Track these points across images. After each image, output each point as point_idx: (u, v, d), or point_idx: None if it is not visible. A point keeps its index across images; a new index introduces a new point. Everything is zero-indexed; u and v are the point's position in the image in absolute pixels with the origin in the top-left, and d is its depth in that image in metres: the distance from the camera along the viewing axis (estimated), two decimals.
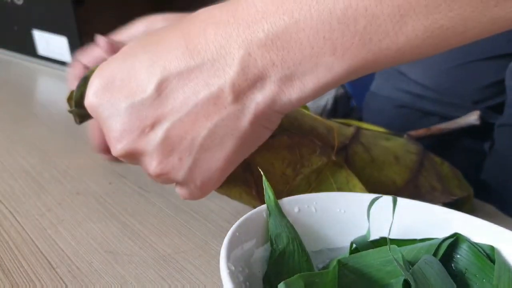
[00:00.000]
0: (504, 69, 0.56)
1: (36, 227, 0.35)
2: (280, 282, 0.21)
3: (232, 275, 0.21)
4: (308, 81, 0.27)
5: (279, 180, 0.34)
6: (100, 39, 0.39)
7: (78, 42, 0.82)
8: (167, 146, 0.29)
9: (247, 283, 0.23)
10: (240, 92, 0.28)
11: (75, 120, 0.38)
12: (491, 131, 0.55)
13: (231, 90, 0.27)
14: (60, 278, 0.30)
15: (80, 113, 0.35)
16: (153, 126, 0.29)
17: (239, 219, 0.26)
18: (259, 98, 0.28)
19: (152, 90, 0.28)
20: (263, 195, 0.28)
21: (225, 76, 0.27)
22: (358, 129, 0.41)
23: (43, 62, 0.90)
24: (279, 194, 0.32)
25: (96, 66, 0.36)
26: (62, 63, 0.87)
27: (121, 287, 0.29)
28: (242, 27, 0.27)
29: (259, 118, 0.29)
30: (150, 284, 0.30)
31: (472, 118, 0.46)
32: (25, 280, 0.29)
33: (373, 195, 0.29)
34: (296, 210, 0.28)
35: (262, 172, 0.29)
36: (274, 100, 0.28)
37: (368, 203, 0.28)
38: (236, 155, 0.30)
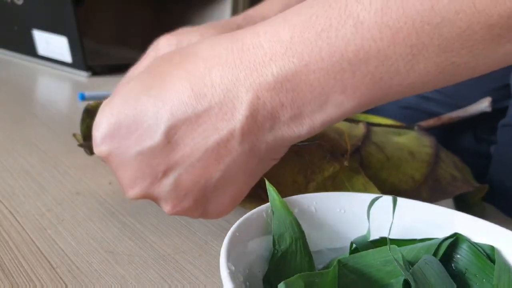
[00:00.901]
0: (511, 73, 0.57)
1: (36, 227, 0.35)
2: (280, 282, 0.21)
3: (232, 275, 0.21)
4: (317, 118, 0.27)
5: (291, 188, 0.34)
6: None
7: (78, 42, 0.82)
8: (181, 191, 0.29)
9: (247, 283, 0.23)
10: (250, 134, 0.28)
11: (86, 153, 0.38)
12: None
13: (241, 133, 0.27)
14: (60, 278, 0.30)
15: (90, 145, 0.35)
16: (165, 172, 0.28)
17: (239, 219, 0.26)
18: (269, 138, 0.28)
19: (161, 137, 0.28)
20: None
21: (234, 120, 0.27)
22: (368, 127, 0.40)
23: (43, 62, 0.90)
24: None
25: (96, 102, 0.36)
26: (62, 63, 0.87)
27: (121, 287, 0.29)
28: (250, 70, 0.26)
29: (269, 154, 0.29)
30: (150, 284, 0.30)
31: (483, 105, 0.45)
32: (25, 280, 0.29)
33: (373, 195, 0.29)
34: (296, 210, 0.28)
35: (265, 179, 0.29)
36: (283, 138, 0.28)
37: (368, 203, 0.28)
38: (247, 186, 0.31)
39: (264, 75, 0.26)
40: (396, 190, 0.37)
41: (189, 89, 0.27)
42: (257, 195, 0.34)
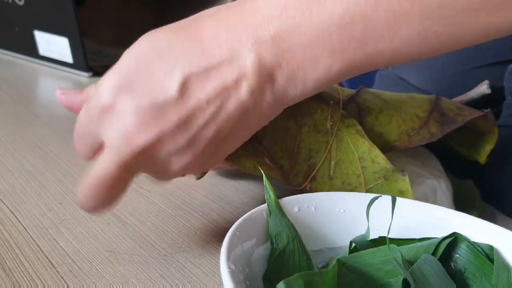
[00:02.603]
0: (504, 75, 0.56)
1: (37, 226, 0.35)
2: (280, 281, 0.21)
3: (233, 274, 0.22)
4: (309, 80, 0.29)
5: (284, 136, 0.34)
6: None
7: (79, 42, 0.82)
8: (194, 143, 0.29)
9: (248, 282, 0.24)
10: (253, 93, 0.29)
11: None
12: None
13: (246, 91, 0.29)
14: (61, 277, 0.30)
15: None
16: (178, 125, 0.29)
17: (239, 218, 0.26)
18: (269, 98, 0.30)
19: (175, 92, 0.28)
20: (276, 162, 0.30)
21: (239, 78, 0.29)
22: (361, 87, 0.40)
23: (44, 62, 0.90)
24: (293, 153, 0.34)
25: None
26: (63, 64, 0.87)
27: (122, 287, 0.29)
28: (250, 31, 0.28)
29: (267, 113, 0.31)
30: (151, 283, 0.30)
31: (482, 88, 0.46)
32: (26, 280, 0.29)
33: (373, 195, 0.29)
34: (295, 209, 0.28)
35: (263, 172, 0.29)
36: (280, 99, 0.30)
37: (367, 202, 0.28)
38: (243, 140, 0.32)
39: (263, 35, 0.28)
40: (403, 132, 0.37)
41: (199, 49, 0.29)
42: (253, 150, 0.34)
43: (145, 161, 0.29)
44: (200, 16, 0.31)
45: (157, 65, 0.29)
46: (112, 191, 0.29)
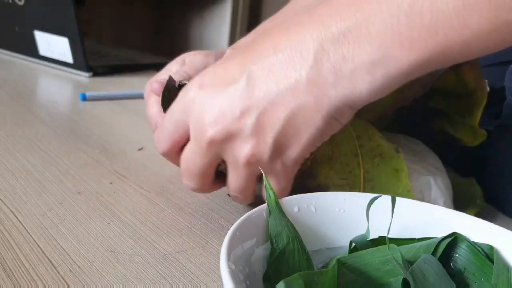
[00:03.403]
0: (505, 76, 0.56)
1: (38, 226, 0.35)
2: (280, 281, 0.21)
3: (233, 274, 0.22)
4: (377, 73, 0.29)
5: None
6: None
7: (79, 42, 0.82)
8: (257, 132, 0.31)
9: (248, 282, 0.24)
10: (314, 86, 0.30)
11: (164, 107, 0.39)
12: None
13: (306, 83, 0.30)
14: (62, 277, 0.30)
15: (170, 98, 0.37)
16: (243, 113, 0.31)
17: (239, 218, 0.26)
18: (332, 93, 0.30)
19: (243, 81, 0.31)
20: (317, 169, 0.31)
21: (301, 69, 0.30)
22: None
23: (44, 62, 0.90)
24: None
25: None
26: (63, 64, 0.87)
27: (122, 286, 0.29)
28: (317, 23, 0.29)
29: (332, 112, 0.31)
30: (151, 283, 0.30)
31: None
32: (26, 280, 0.29)
33: (372, 195, 0.29)
34: (295, 209, 0.29)
35: (263, 172, 0.29)
36: (345, 95, 0.30)
37: (367, 202, 0.28)
38: (311, 143, 0.32)
39: (329, 26, 0.29)
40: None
41: (270, 46, 0.31)
42: (303, 186, 0.35)
43: (220, 148, 0.33)
44: (283, 18, 0.34)
45: (233, 60, 0.32)
46: (202, 177, 0.35)
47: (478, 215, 0.29)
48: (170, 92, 0.38)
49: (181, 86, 0.38)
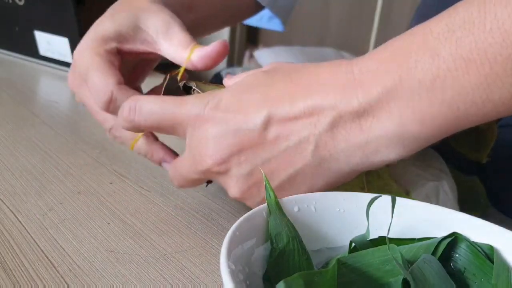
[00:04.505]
0: None
1: (38, 226, 0.35)
2: (280, 281, 0.21)
3: (233, 274, 0.22)
4: (392, 147, 0.29)
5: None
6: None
7: (79, 42, 0.82)
8: (253, 178, 0.32)
9: (248, 282, 0.24)
10: (324, 149, 0.30)
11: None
12: None
13: (316, 145, 0.30)
14: (62, 277, 0.30)
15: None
16: (247, 156, 0.31)
17: (239, 218, 0.26)
18: (341, 159, 0.30)
19: (258, 126, 0.31)
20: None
21: (314, 131, 0.30)
22: None
23: (44, 62, 0.90)
24: None
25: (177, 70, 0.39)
26: (64, 64, 0.87)
27: (122, 286, 0.29)
28: (338, 91, 0.29)
29: (337, 175, 0.31)
30: (151, 283, 0.30)
31: None
32: (26, 280, 0.29)
33: (373, 195, 0.29)
34: (296, 209, 0.29)
35: (263, 172, 0.29)
36: (356, 163, 0.30)
37: (367, 202, 0.28)
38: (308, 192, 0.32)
39: (350, 97, 0.29)
40: None
41: (289, 96, 0.30)
42: None
43: (213, 176, 0.33)
44: (307, 66, 0.32)
45: (252, 99, 0.31)
46: (190, 183, 0.36)
47: (478, 215, 0.29)
48: (171, 91, 0.38)
49: (186, 87, 0.38)
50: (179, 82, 0.39)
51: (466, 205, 0.41)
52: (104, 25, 0.41)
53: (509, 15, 0.25)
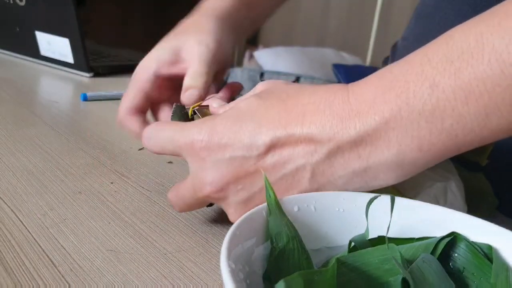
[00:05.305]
0: None
1: (39, 226, 0.35)
2: (280, 280, 0.21)
3: (233, 273, 0.22)
4: (390, 174, 0.30)
5: None
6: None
7: (80, 43, 0.83)
8: (250, 204, 0.32)
9: (248, 281, 0.24)
10: (322, 176, 0.30)
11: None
12: None
13: (313, 172, 0.30)
14: (62, 276, 0.30)
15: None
16: (244, 184, 0.31)
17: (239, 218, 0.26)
18: (339, 184, 0.30)
19: (253, 155, 0.31)
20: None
21: (311, 160, 0.30)
22: None
23: (45, 62, 0.90)
24: None
25: (194, 105, 0.41)
26: (65, 64, 0.87)
27: (123, 286, 0.30)
28: (336, 121, 0.29)
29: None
30: (152, 282, 0.30)
31: None
32: (27, 279, 0.29)
33: (372, 195, 0.29)
34: (295, 209, 0.29)
35: (263, 172, 0.29)
36: (353, 188, 0.31)
37: (366, 202, 0.29)
38: None
39: (347, 128, 0.29)
40: None
41: (283, 125, 0.30)
42: None
43: (213, 201, 0.34)
44: (302, 93, 0.32)
45: (246, 127, 0.31)
46: (191, 208, 0.36)
47: (477, 215, 0.29)
48: (179, 117, 0.40)
49: (193, 113, 0.40)
50: (186, 109, 0.41)
51: (473, 204, 0.41)
52: (158, 51, 0.49)
53: (507, 46, 0.25)
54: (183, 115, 0.40)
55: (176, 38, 0.49)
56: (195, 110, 0.40)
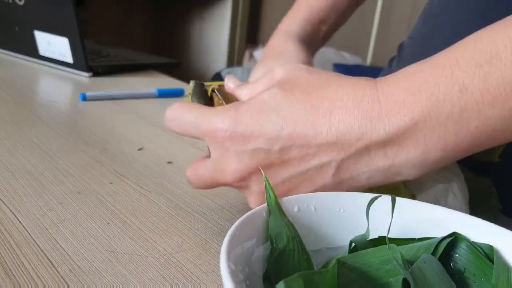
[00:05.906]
0: None
1: (38, 226, 0.35)
2: (280, 281, 0.21)
3: (233, 274, 0.22)
4: (413, 173, 0.30)
5: None
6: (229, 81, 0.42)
7: (79, 42, 0.82)
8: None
9: (248, 282, 0.24)
10: (347, 172, 0.31)
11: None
12: None
13: (339, 167, 0.31)
14: (62, 277, 0.30)
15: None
16: (267, 174, 0.31)
17: (239, 218, 0.26)
18: (362, 180, 0.31)
19: (277, 149, 0.31)
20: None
21: (337, 158, 0.30)
22: None
23: (44, 62, 0.90)
24: None
25: (213, 84, 0.40)
26: (64, 64, 0.87)
27: (122, 286, 0.29)
28: (365, 121, 0.29)
29: (353, 190, 0.32)
30: (151, 283, 0.30)
31: None
32: (26, 280, 0.29)
33: (372, 195, 0.29)
34: (295, 209, 0.29)
35: (263, 171, 0.29)
36: (375, 182, 0.31)
37: (367, 202, 0.28)
38: None
39: (377, 128, 0.29)
40: None
41: (311, 123, 0.30)
42: None
43: (234, 188, 0.34)
44: (326, 84, 0.32)
45: (272, 122, 0.31)
46: (208, 188, 0.36)
47: (478, 215, 0.29)
48: (198, 96, 0.40)
49: (212, 91, 0.40)
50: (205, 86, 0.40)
51: (477, 207, 0.40)
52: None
53: None
54: (202, 93, 0.40)
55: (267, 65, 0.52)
56: (215, 89, 0.40)
